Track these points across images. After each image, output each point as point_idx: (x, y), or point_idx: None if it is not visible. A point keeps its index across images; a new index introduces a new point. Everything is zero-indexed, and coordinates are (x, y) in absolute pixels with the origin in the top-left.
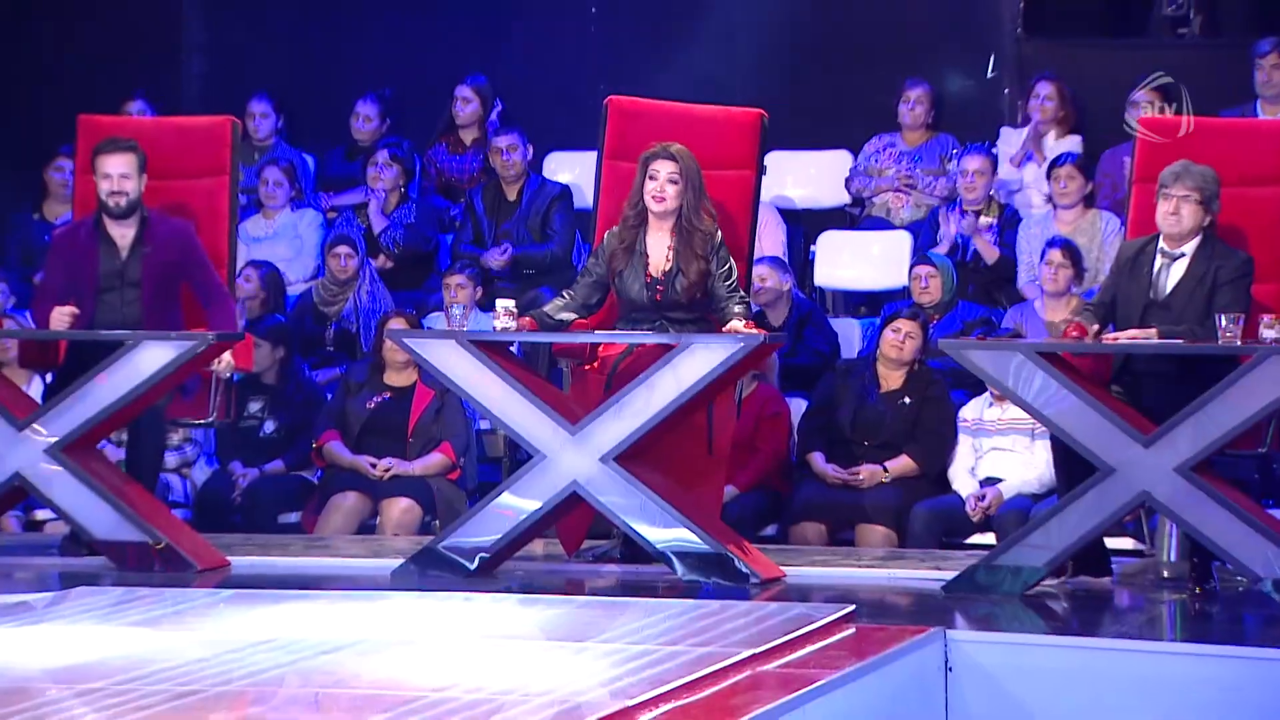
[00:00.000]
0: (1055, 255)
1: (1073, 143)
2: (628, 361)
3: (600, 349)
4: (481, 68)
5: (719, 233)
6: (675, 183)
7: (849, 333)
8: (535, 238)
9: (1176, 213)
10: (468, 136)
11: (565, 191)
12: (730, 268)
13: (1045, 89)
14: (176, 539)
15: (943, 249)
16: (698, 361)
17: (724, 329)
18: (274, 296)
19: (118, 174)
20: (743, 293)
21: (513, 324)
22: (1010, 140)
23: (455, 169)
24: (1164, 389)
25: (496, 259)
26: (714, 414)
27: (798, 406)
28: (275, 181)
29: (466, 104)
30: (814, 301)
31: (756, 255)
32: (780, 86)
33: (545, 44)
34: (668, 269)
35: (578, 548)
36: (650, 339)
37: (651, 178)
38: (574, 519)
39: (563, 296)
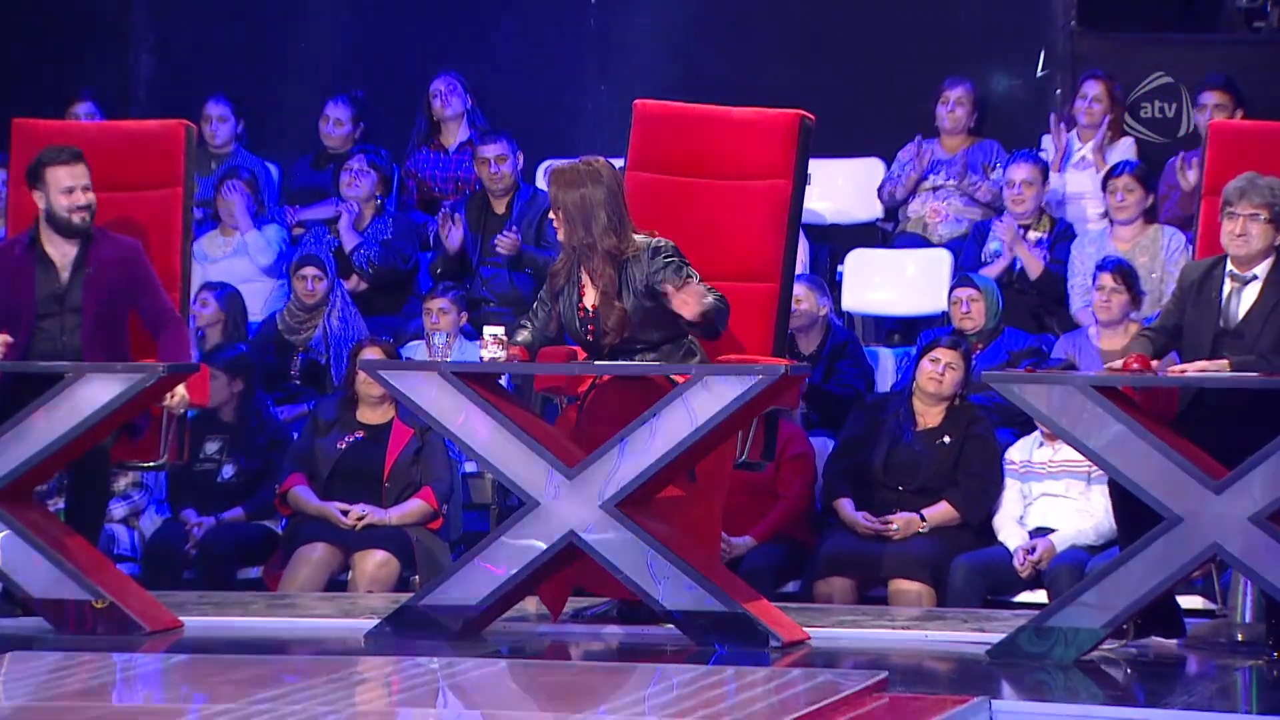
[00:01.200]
0: (1106, 279)
1: (1124, 148)
2: (594, 395)
3: (580, 384)
4: (464, 66)
5: (650, 244)
6: (556, 211)
7: (881, 363)
8: (529, 245)
9: (1244, 233)
10: (450, 136)
11: None
12: (688, 271)
13: (1093, 88)
14: (122, 597)
15: (994, 269)
16: (709, 396)
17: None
18: (233, 323)
19: (80, 185)
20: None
21: (502, 354)
22: (1050, 146)
23: (439, 175)
24: (1237, 428)
25: (506, 240)
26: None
27: (823, 446)
28: (235, 193)
29: (446, 96)
30: (851, 330)
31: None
32: (802, 87)
33: (536, 39)
34: (598, 303)
35: (562, 608)
36: (662, 370)
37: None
38: (557, 576)
39: (524, 325)
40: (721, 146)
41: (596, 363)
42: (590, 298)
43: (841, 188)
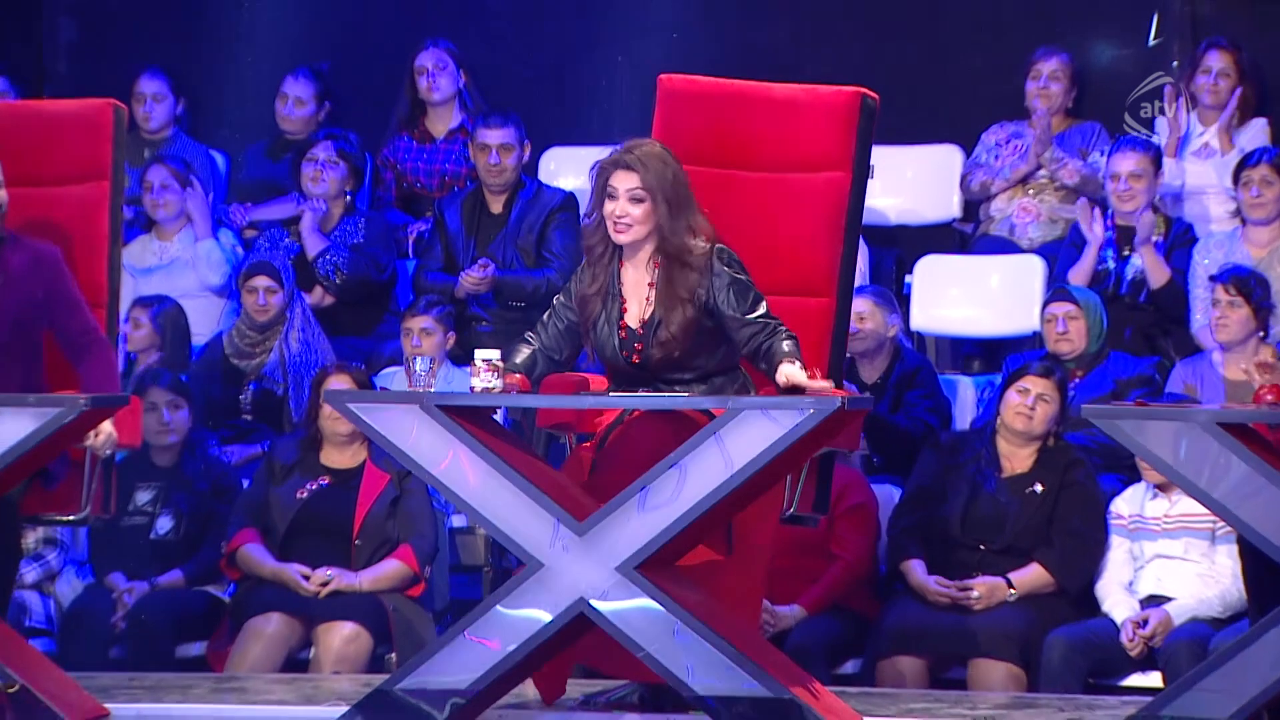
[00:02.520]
0: (1220, 292)
1: (1257, 132)
2: (617, 433)
3: (597, 418)
4: (454, 35)
5: (719, 255)
6: (640, 200)
7: (959, 395)
8: (527, 262)
9: None
10: (439, 122)
11: (569, 201)
12: (755, 296)
13: (1216, 60)
14: (35, 680)
15: (1080, 271)
16: (753, 435)
17: (784, 374)
18: (171, 346)
19: None
20: (782, 325)
21: (498, 383)
22: (1164, 130)
23: (422, 169)
24: None
25: (473, 277)
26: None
27: (888, 496)
28: (163, 186)
29: (434, 76)
30: (924, 354)
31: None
32: (862, 61)
33: (539, 3)
34: (648, 317)
35: (560, 692)
36: (692, 404)
37: (610, 196)
38: (557, 656)
39: (528, 342)
40: (764, 131)
41: (613, 394)
42: (636, 312)
43: (910, 181)
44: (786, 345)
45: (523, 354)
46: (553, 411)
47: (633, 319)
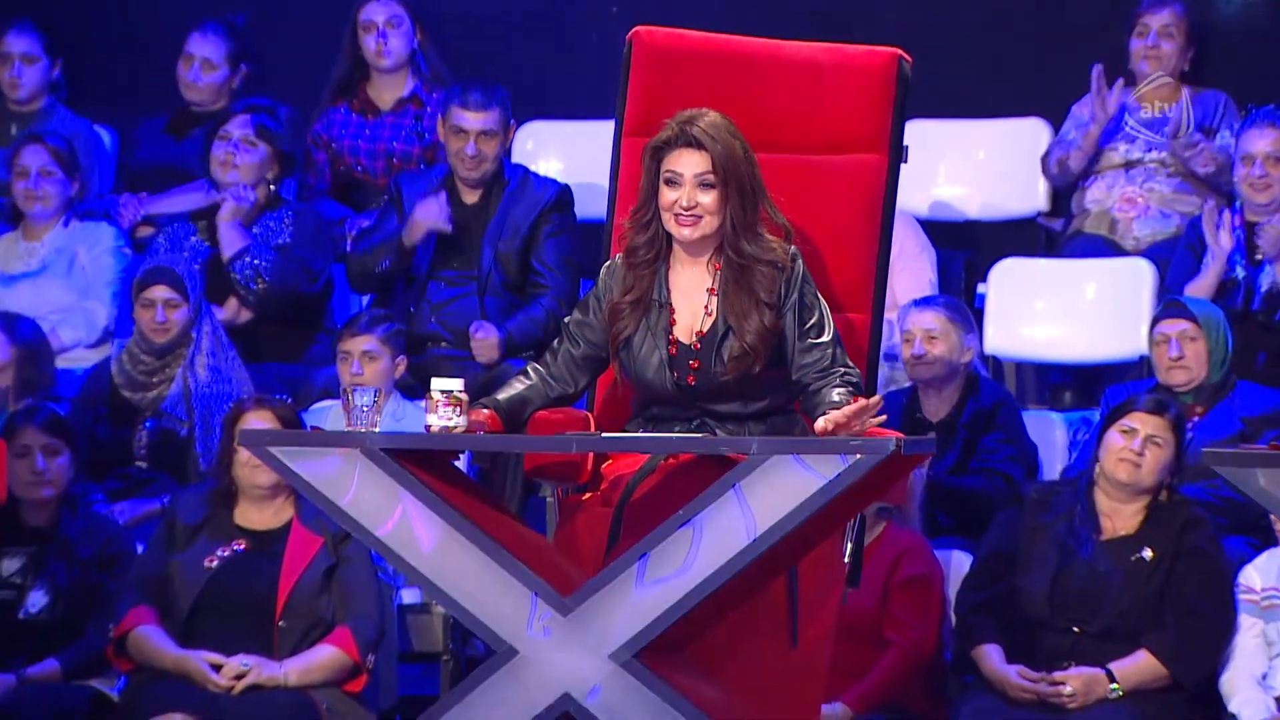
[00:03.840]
0: None
1: None
2: (649, 485)
3: (604, 465)
4: None
5: (798, 258)
6: (712, 187)
7: (1045, 436)
8: (508, 272)
9: None
10: (386, 90)
11: (564, 196)
12: (821, 318)
13: None
14: None
15: (1201, 284)
16: (782, 488)
17: (820, 423)
18: (38, 374)
19: None
20: (849, 364)
21: (460, 420)
22: None
23: (364, 150)
24: None
25: (484, 340)
26: (801, 576)
27: (956, 565)
28: (44, 173)
29: (385, 36)
30: (1003, 386)
31: (897, 294)
32: (920, 17)
33: None
34: (707, 329)
35: None
36: (703, 446)
37: (670, 183)
38: None
39: (526, 374)
40: (772, 102)
41: (605, 435)
42: (689, 323)
43: (984, 166)
44: (837, 395)
45: (512, 389)
46: (541, 456)
47: (685, 332)
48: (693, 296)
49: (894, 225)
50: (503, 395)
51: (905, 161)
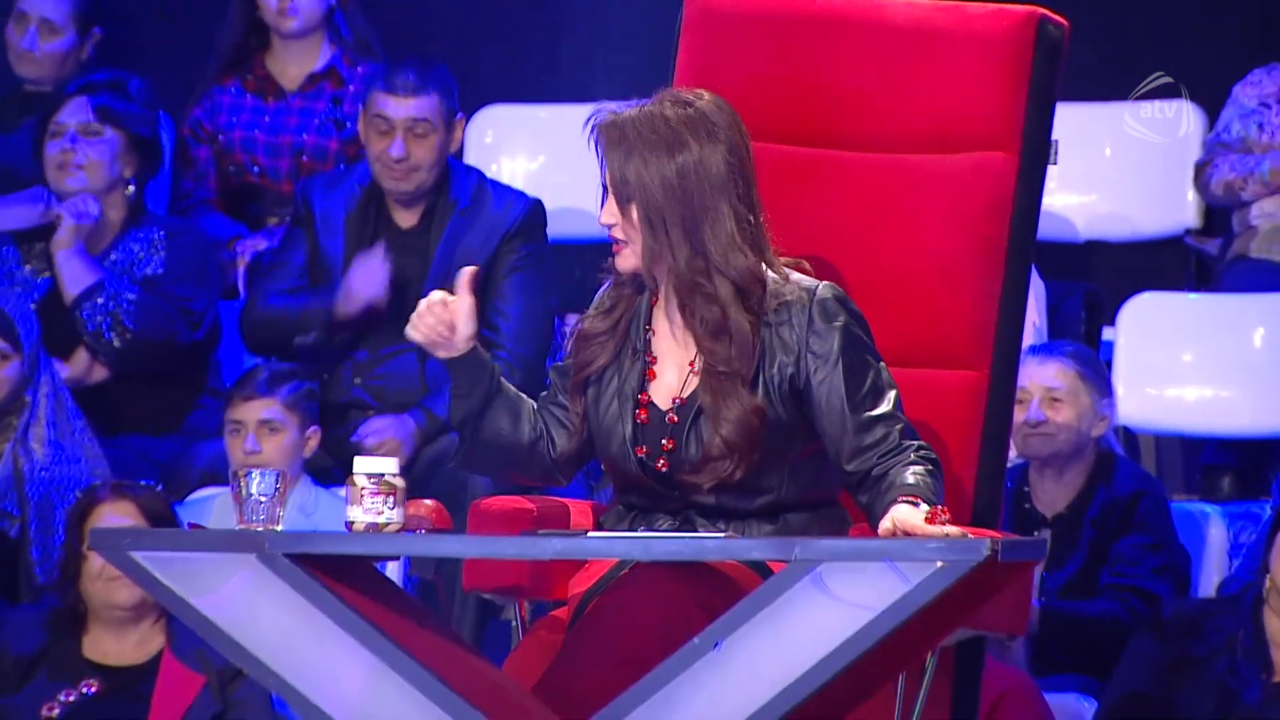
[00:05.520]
0: None
1: None
2: (604, 601)
3: (574, 573)
4: None
5: (832, 292)
6: (627, 198)
7: (1195, 534)
8: None
9: None
10: (293, 63)
11: (531, 219)
12: (878, 381)
13: None
14: None
15: None
16: (828, 609)
17: (886, 523)
18: None
19: None
20: (919, 440)
21: (394, 515)
22: None
23: (261, 144)
24: None
25: (378, 445)
26: None
27: (1075, 712)
28: None
29: None
30: (1137, 466)
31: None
32: None
33: None
34: (689, 396)
35: None
36: (724, 552)
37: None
38: None
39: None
40: (871, 81)
41: (594, 534)
42: (671, 381)
43: (1110, 165)
44: (912, 476)
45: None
46: (489, 566)
47: (663, 394)
48: (681, 345)
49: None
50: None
51: (1054, 162)
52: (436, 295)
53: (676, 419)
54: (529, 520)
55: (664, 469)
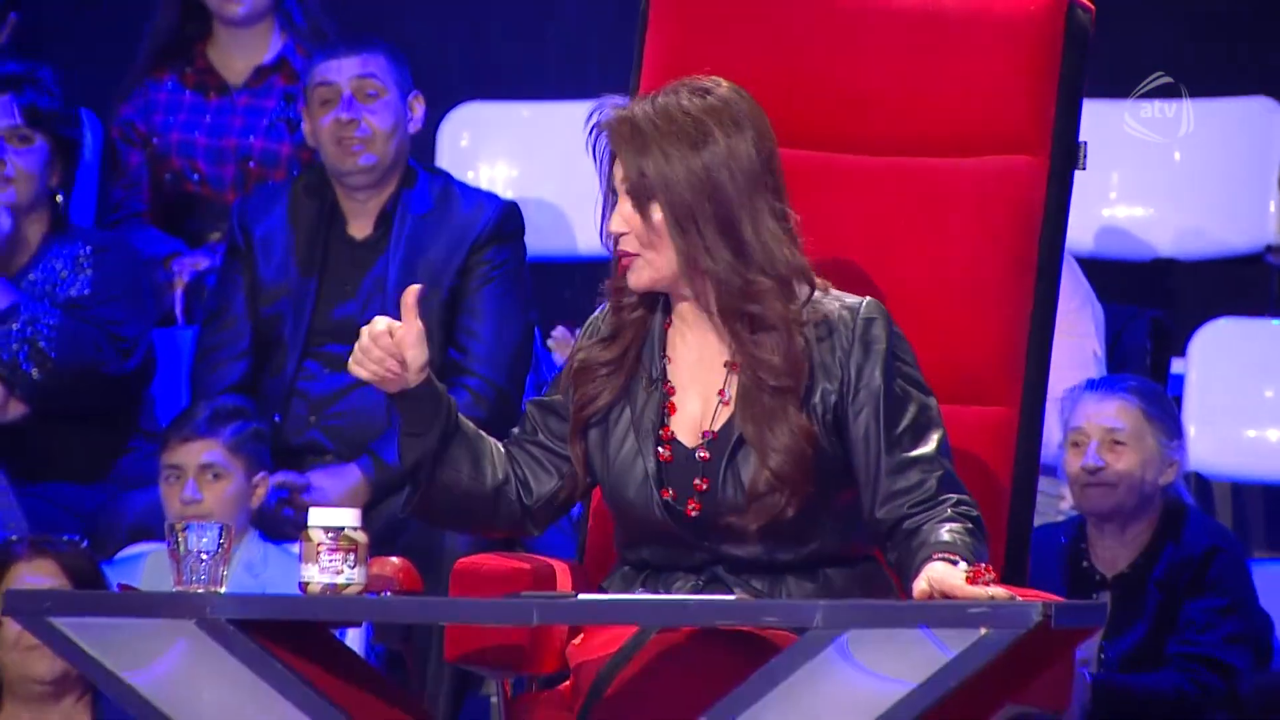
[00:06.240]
0: None
1: None
2: (628, 675)
3: (571, 644)
4: None
5: (877, 310)
6: (648, 198)
7: (1277, 593)
8: (432, 351)
9: None
10: (239, 55)
11: (505, 221)
12: (922, 415)
13: None
14: None
15: None
16: (853, 684)
17: (921, 584)
18: None
19: None
20: (964, 491)
21: (355, 575)
22: None
23: (202, 148)
24: None
25: (320, 502)
26: None
27: None
28: None
29: None
30: (1211, 520)
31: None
32: None
33: None
34: (721, 429)
35: None
36: (744, 612)
37: (616, 191)
38: None
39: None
40: (863, 75)
41: (582, 596)
42: (694, 413)
43: (1181, 171)
44: (948, 533)
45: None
46: (475, 634)
47: (687, 428)
48: (705, 371)
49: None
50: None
51: (1081, 168)
52: (380, 324)
53: (708, 455)
54: (526, 581)
55: (695, 514)
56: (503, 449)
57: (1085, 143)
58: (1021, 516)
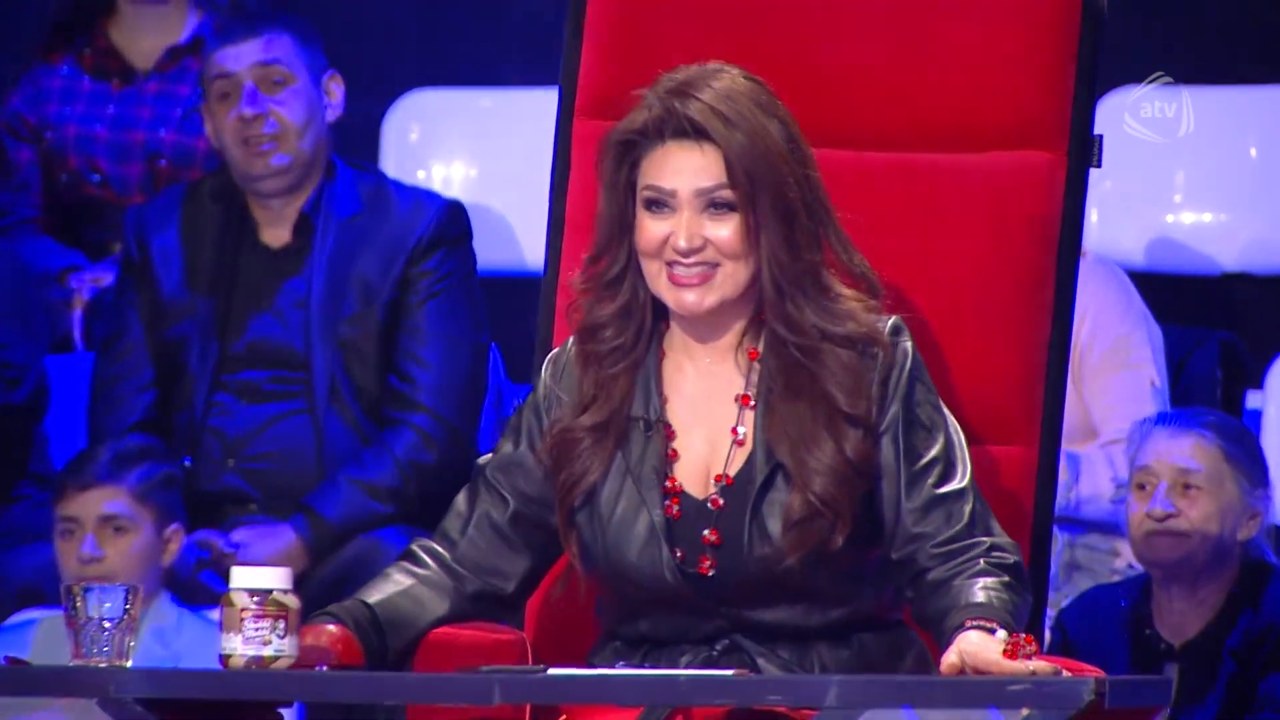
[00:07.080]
0: None
1: None
2: None
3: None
4: None
5: (902, 332)
6: (731, 210)
7: None
8: (367, 379)
9: None
10: (145, 36)
11: (448, 224)
12: (949, 448)
13: None
14: None
15: None
16: None
17: (951, 656)
18: None
19: None
20: (999, 531)
21: (286, 646)
22: None
23: (104, 144)
24: None
25: (249, 563)
26: None
27: None
28: None
29: None
30: None
31: (1090, 407)
32: None
33: None
34: (738, 472)
35: None
36: (738, 692)
37: (655, 205)
38: None
39: (414, 561)
40: (870, 60)
41: (595, 669)
42: (701, 458)
43: (1252, 171)
44: (982, 591)
45: (387, 587)
46: (443, 715)
47: (695, 476)
48: (710, 409)
49: (1079, 279)
50: (372, 597)
51: (1097, 165)
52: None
53: (723, 503)
54: (510, 657)
55: (710, 572)
56: (436, 576)
57: (1101, 136)
58: (1040, 565)
